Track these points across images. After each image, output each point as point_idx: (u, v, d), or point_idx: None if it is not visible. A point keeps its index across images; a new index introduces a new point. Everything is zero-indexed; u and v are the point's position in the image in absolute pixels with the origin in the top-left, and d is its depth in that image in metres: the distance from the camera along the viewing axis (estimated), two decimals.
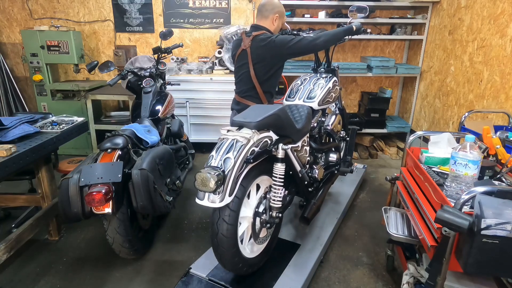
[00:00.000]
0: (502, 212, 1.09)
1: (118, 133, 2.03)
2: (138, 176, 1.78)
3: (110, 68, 2.58)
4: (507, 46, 2.56)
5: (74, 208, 1.72)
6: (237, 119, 1.56)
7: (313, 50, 2.19)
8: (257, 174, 1.65)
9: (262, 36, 2.15)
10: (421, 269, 1.60)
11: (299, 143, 1.90)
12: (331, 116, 2.39)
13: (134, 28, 4.14)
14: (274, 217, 1.73)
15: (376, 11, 3.99)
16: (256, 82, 2.22)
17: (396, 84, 4.45)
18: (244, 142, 1.47)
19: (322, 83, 2.29)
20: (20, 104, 4.28)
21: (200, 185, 1.37)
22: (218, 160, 1.44)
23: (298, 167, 1.92)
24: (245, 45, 2.20)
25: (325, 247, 2.18)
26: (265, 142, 1.60)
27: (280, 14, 2.27)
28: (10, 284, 1.98)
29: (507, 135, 1.74)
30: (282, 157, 1.65)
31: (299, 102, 2.22)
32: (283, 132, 1.72)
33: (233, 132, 1.53)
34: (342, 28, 2.23)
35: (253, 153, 1.52)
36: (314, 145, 2.17)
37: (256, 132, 1.53)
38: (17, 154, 1.76)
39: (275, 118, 1.62)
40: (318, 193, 2.19)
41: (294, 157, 1.86)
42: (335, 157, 2.37)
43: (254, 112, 1.63)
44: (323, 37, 2.10)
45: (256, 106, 1.79)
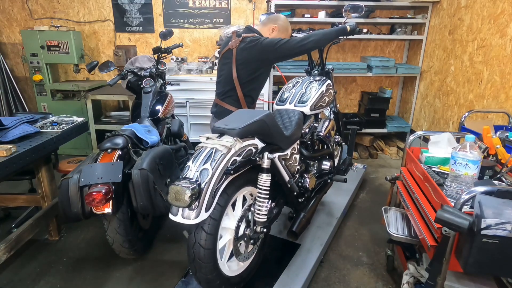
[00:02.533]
0: (502, 212, 1.09)
1: (118, 133, 2.03)
2: (138, 176, 1.78)
3: (110, 68, 2.58)
4: (507, 46, 2.56)
5: (74, 208, 1.72)
6: (218, 126, 1.44)
7: (302, 52, 2.04)
8: (241, 184, 1.53)
9: (250, 38, 2.04)
10: (421, 269, 1.60)
11: (287, 151, 1.78)
12: (324, 121, 2.26)
13: (134, 28, 4.14)
14: (259, 232, 1.62)
15: (376, 11, 3.98)
16: (237, 84, 2.09)
17: (396, 84, 4.45)
18: (224, 151, 1.35)
19: (315, 86, 2.16)
20: (20, 104, 4.28)
21: (173, 200, 1.24)
22: (194, 172, 1.31)
23: (287, 177, 1.79)
24: (231, 45, 2.09)
25: (325, 247, 2.18)
26: (249, 151, 1.47)
27: (280, 28, 2.17)
28: (10, 284, 1.98)
29: (507, 135, 1.74)
30: (268, 167, 1.53)
31: (290, 106, 2.08)
32: (270, 140, 1.61)
33: (212, 140, 1.41)
34: (334, 28, 2.12)
35: (235, 163, 1.39)
36: (305, 153, 2.04)
37: (239, 140, 1.40)
38: (17, 154, 1.76)
39: (261, 125, 1.50)
40: (309, 204, 2.05)
41: (282, 166, 1.73)
42: (329, 165, 2.25)
43: (237, 118, 1.50)
44: (312, 37, 1.98)
45: (240, 111, 1.64)
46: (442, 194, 1.35)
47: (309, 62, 2.57)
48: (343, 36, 2.21)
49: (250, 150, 1.47)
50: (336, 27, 2.13)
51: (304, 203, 2.03)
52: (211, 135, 1.44)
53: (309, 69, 2.58)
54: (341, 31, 2.12)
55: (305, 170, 2.09)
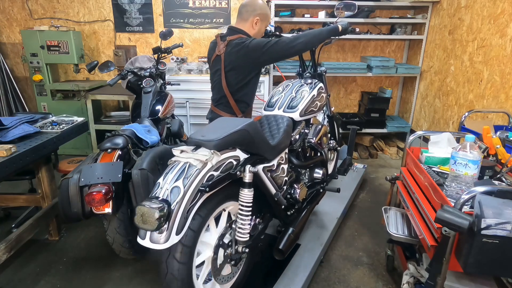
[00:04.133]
0: (502, 212, 1.09)
1: (118, 133, 2.03)
2: (138, 176, 1.77)
3: (110, 68, 2.58)
4: (507, 46, 2.56)
5: (74, 208, 1.72)
6: (194, 137, 1.30)
7: (292, 54, 1.92)
8: (223, 199, 1.41)
9: (236, 41, 1.90)
10: (421, 269, 1.60)
11: (274, 162, 1.65)
12: (315, 127, 2.11)
13: (134, 28, 4.14)
14: (240, 252, 1.47)
15: (376, 11, 3.99)
16: (227, 92, 1.99)
17: (396, 84, 4.45)
18: (198, 166, 1.21)
19: (305, 90, 2.03)
20: (20, 104, 4.28)
21: (140, 222, 1.10)
22: (164, 190, 1.17)
23: (273, 190, 1.66)
24: (219, 50, 1.96)
25: (325, 247, 2.18)
26: (229, 164, 1.34)
27: (262, 17, 2.01)
28: (10, 284, 1.98)
29: (507, 135, 1.74)
30: (250, 181, 1.39)
31: (278, 112, 1.95)
32: (254, 150, 1.48)
33: (187, 153, 1.27)
34: (326, 28, 2.00)
35: (211, 178, 1.25)
36: (295, 161, 1.90)
37: (216, 153, 1.27)
38: (17, 154, 1.76)
39: (242, 135, 1.37)
40: (299, 216, 1.93)
41: (267, 178, 1.60)
42: (321, 173, 2.12)
43: (216, 128, 1.37)
44: (302, 38, 1.87)
45: (221, 119, 1.50)
46: (442, 194, 1.35)
47: (301, 64, 2.47)
48: (335, 37, 2.12)
49: (230, 163, 1.35)
50: (328, 27, 2.03)
51: (294, 215, 1.91)
52: (186, 148, 1.30)
53: (300, 71, 2.47)
54: (332, 31, 2.02)
55: (295, 180, 1.96)
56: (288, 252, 1.77)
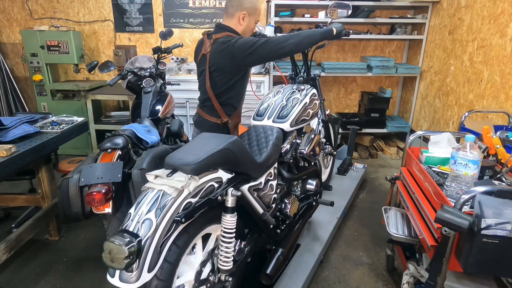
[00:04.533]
0: (502, 212, 1.09)
1: (118, 133, 2.03)
2: (138, 176, 1.77)
3: (110, 68, 2.58)
4: (507, 46, 2.56)
5: (74, 208, 1.72)
6: (170, 160, 1.18)
7: (281, 55, 1.77)
8: (205, 223, 1.29)
9: (222, 39, 1.77)
10: (421, 269, 1.60)
11: (261, 179, 1.53)
12: (308, 136, 1.94)
13: (134, 28, 4.14)
14: (223, 281, 1.35)
15: (376, 11, 3.99)
16: (211, 94, 1.84)
17: (396, 84, 4.45)
18: (173, 194, 1.10)
19: (297, 97, 1.89)
20: (20, 104, 4.28)
21: (108, 260, 0.99)
22: (135, 223, 1.05)
23: (260, 209, 1.54)
24: (205, 49, 1.82)
25: (325, 247, 2.18)
26: (210, 187, 1.23)
27: (249, 11, 1.84)
28: (10, 284, 1.98)
29: (507, 135, 1.74)
30: (233, 206, 1.28)
31: (267, 122, 1.80)
32: (238, 169, 1.37)
33: (162, 179, 1.14)
34: (319, 30, 1.85)
35: (189, 206, 1.14)
36: (286, 174, 1.79)
37: (194, 178, 1.15)
38: (17, 154, 1.76)
39: (224, 155, 1.26)
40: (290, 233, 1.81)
41: (253, 198, 1.48)
42: (314, 185, 2.00)
43: (195, 148, 1.25)
44: (293, 39, 1.72)
45: (201, 137, 1.37)
46: (442, 194, 1.35)
47: (293, 68, 2.36)
48: (329, 41, 1.99)
49: (211, 187, 1.23)
50: (321, 29, 1.89)
51: (285, 232, 1.80)
52: (160, 173, 1.17)
53: (293, 75, 2.37)
54: (326, 33, 1.87)
55: (286, 194, 1.84)
56: (275, 277, 1.65)
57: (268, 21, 3.79)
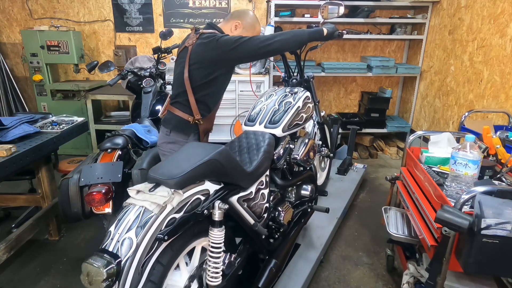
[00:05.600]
0: (502, 212, 1.09)
1: (118, 133, 2.03)
2: (138, 176, 1.78)
3: (110, 68, 2.58)
4: (507, 45, 2.56)
5: (74, 208, 1.72)
6: (152, 174, 1.11)
7: (267, 53, 1.67)
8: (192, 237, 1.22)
9: (208, 34, 1.70)
10: (421, 269, 1.60)
11: (251, 189, 1.46)
12: (301, 141, 1.86)
13: (134, 28, 4.14)
14: None
15: (376, 11, 3.99)
16: (189, 86, 1.72)
17: (396, 84, 4.45)
18: (155, 211, 1.03)
19: (289, 101, 1.83)
20: (20, 104, 4.28)
21: (86, 282, 0.95)
22: (115, 242, 1.00)
23: (251, 220, 1.47)
24: (188, 42, 1.74)
25: (325, 247, 2.18)
26: (196, 201, 1.16)
27: (245, 25, 1.80)
28: (10, 284, 1.98)
29: (507, 135, 1.74)
30: (220, 220, 1.20)
31: (259, 128, 1.73)
32: (226, 180, 1.31)
33: (143, 194, 1.08)
34: (307, 30, 1.75)
35: (173, 222, 1.07)
36: (279, 182, 1.72)
37: (178, 193, 1.09)
38: (17, 154, 1.76)
39: (211, 166, 1.19)
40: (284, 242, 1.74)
41: (243, 209, 1.42)
42: (309, 190, 1.93)
43: (180, 160, 1.18)
44: (280, 37, 1.63)
45: (187, 147, 1.30)
46: (442, 194, 1.35)
47: (286, 70, 2.29)
48: (321, 42, 1.91)
49: (197, 200, 1.16)
50: (311, 29, 1.79)
51: (279, 240, 1.73)
52: (143, 187, 1.10)
53: (286, 77, 2.29)
54: (315, 33, 1.76)
55: (280, 201, 1.76)
56: None
57: (268, 21, 3.79)
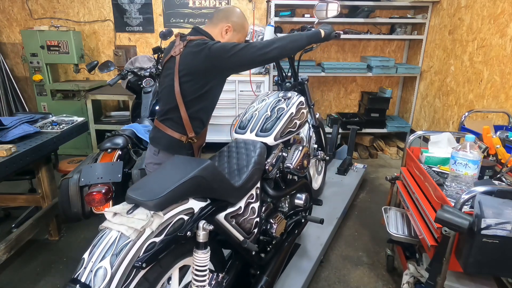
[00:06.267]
0: (502, 212, 1.09)
1: (118, 133, 2.03)
2: (138, 176, 1.78)
3: (110, 68, 2.58)
4: (507, 45, 2.56)
5: (74, 208, 1.72)
6: (131, 194, 1.01)
7: (265, 61, 1.57)
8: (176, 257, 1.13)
9: (198, 41, 1.55)
10: (421, 269, 1.60)
11: (240, 204, 1.37)
12: (295, 149, 1.75)
13: (134, 28, 4.14)
14: None
15: (376, 11, 3.99)
16: (181, 101, 1.56)
17: (396, 84, 4.45)
18: (132, 236, 0.95)
19: (282, 107, 1.73)
20: (20, 104, 4.28)
21: None
22: (88, 272, 0.92)
23: (240, 237, 1.38)
24: (175, 51, 1.58)
25: (325, 247, 2.17)
26: (179, 221, 1.07)
27: (235, 26, 1.66)
28: (10, 284, 1.98)
29: (507, 135, 1.74)
30: (205, 241, 1.11)
31: (250, 136, 1.64)
32: (213, 196, 1.22)
33: (121, 217, 0.98)
34: (305, 33, 1.67)
35: (153, 246, 0.98)
36: (271, 192, 1.62)
37: (157, 215, 1.00)
38: (17, 154, 1.76)
39: (195, 183, 1.11)
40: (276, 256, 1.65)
41: (231, 226, 1.33)
42: (303, 200, 1.83)
43: (161, 178, 1.09)
44: (277, 43, 1.53)
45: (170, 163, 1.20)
46: (442, 194, 1.35)
47: (279, 73, 2.20)
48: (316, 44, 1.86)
49: (180, 220, 1.07)
50: (308, 32, 1.70)
51: (271, 253, 1.64)
52: (120, 209, 1.00)
53: (279, 80, 2.21)
54: (313, 36, 1.69)
55: (272, 213, 1.66)
56: None
57: (268, 21, 3.79)
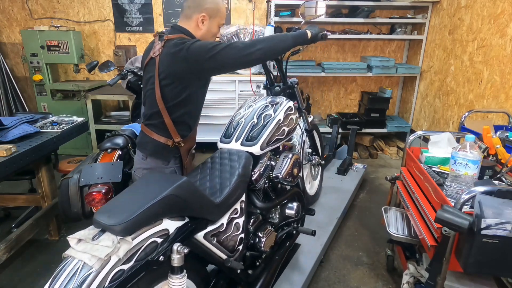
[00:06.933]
0: (502, 212, 1.09)
1: (118, 133, 2.03)
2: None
3: (110, 68, 2.58)
4: (507, 45, 2.56)
5: (74, 208, 1.72)
6: (97, 217, 0.92)
7: (247, 63, 1.47)
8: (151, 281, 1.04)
9: (176, 41, 1.45)
10: (421, 269, 1.60)
11: (222, 220, 1.28)
12: (283, 157, 1.64)
13: (134, 28, 4.14)
14: None
15: (376, 11, 3.98)
16: (163, 107, 1.48)
17: (396, 84, 4.45)
18: (95, 266, 0.86)
19: (269, 114, 1.62)
20: (20, 104, 4.28)
21: None
22: None
23: (222, 256, 1.28)
24: (154, 52, 1.49)
25: (325, 247, 2.17)
26: (152, 245, 0.97)
27: (210, 13, 1.53)
28: (10, 284, 1.98)
29: (507, 135, 1.74)
30: (180, 265, 1.02)
31: (235, 145, 1.53)
32: (190, 214, 1.13)
33: (85, 243, 0.91)
34: (291, 34, 1.57)
35: (121, 274, 0.89)
36: (259, 204, 1.51)
37: (125, 240, 0.91)
38: (17, 154, 1.76)
39: (168, 203, 1.01)
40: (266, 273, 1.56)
41: (212, 245, 1.23)
42: (294, 210, 1.72)
43: (130, 198, 1.01)
44: (261, 44, 1.42)
45: (142, 181, 1.10)
46: (442, 194, 1.35)
47: (267, 76, 2.10)
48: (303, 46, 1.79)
49: (153, 243, 0.98)
50: (294, 33, 1.60)
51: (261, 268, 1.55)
52: (84, 235, 0.92)
53: (268, 84, 2.11)
54: (299, 37, 1.59)
55: (261, 225, 1.56)
56: None
57: (268, 21, 3.79)
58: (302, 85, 4.43)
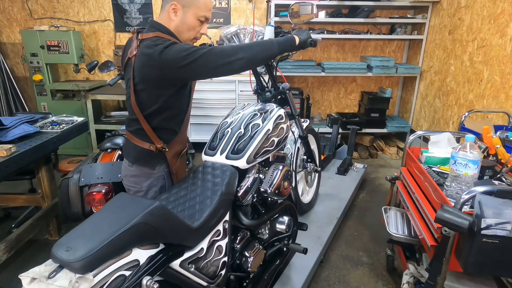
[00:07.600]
0: (502, 212, 1.09)
1: (118, 133, 2.03)
2: None
3: (110, 68, 2.57)
4: (507, 45, 2.56)
5: (74, 208, 1.72)
6: (55, 251, 0.80)
7: (228, 72, 1.31)
8: None
9: (148, 42, 1.30)
10: (421, 269, 1.60)
11: (202, 245, 1.17)
12: (273, 170, 1.51)
13: (134, 28, 4.13)
14: None
15: (376, 11, 3.99)
16: (139, 114, 1.36)
17: (396, 84, 4.45)
18: None
19: (257, 123, 1.48)
20: (20, 104, 4.28)
21: None
22: None
23: (203, 283, 1.19)
24: (131, 51, 1.36)
25: (325, 247, 2.17)
26: (119, 279, 0.88)
27: (182, 2, 1.36)
28: (10, 284, 1.98)
29: (507, 134, 1.74)
30: None
31: (220, 159, 1.41)
32: (165, 240, 1.03)
33: (39, 283, 0.77)
34: (278, 40, 1.40)
35: None
36: (246, 222, 1.39)
37: (85, 278, 0.80)
38: (17, 154, 1.76)
39: (137, 232, 0.91)
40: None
41: (190, 273, 1.13)
42: (285, 225, 1.59)
43: (94, 227, 0.89)
44: (243, 52, 1.28)
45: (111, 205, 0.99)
46: (442, 194, 1.35)
47: (257, 81, 1.99)
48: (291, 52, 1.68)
49: (120, 278, 0.88)
50: (280, 38, 1.44)
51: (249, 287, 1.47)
52: (39, 273, 0.79)
53: (258, 89, 2.00)
54: (286, 44, 1.44)
55: (249, 243, 1.45)
56: None
57: (268, 21, 3.79)
58: (302, 85, 4.43)
